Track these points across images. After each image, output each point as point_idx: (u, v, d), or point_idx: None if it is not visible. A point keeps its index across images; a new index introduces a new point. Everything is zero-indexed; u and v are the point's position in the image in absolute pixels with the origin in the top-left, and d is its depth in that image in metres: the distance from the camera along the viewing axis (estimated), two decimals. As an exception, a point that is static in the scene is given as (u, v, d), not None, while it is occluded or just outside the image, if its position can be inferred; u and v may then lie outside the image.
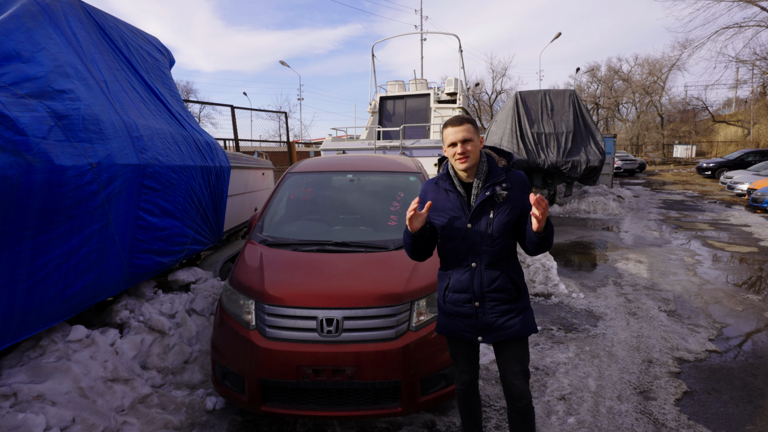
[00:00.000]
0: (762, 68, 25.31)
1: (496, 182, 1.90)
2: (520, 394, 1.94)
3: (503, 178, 1.90)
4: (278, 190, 3.67)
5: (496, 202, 1.89)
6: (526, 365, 1.97)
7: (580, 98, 11.23)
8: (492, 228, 1.88)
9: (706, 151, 37.91)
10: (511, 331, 1.92)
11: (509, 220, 1.89)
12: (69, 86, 2.65)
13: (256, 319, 2.45)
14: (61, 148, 2.35)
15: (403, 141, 8.55)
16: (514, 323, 1.92)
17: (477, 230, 1.90)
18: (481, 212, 1.90)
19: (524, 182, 1.95)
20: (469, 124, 1.89)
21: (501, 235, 1.89)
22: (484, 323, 1.93)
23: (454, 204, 1.94)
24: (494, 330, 1.93)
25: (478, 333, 1.95)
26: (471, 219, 1.90)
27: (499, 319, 1.92)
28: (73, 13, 3.09)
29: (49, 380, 2.43)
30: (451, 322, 2.01)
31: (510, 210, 1.88)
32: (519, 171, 1.98)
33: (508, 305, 1.92)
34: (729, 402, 2.89)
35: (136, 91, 3.53)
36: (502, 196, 1.88)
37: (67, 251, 2.53)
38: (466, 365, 2.09)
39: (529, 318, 1.96)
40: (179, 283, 4.03)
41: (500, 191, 1.88)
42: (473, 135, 1.88)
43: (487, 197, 1.88)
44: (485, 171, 1.92)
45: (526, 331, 1.94)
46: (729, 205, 12.72)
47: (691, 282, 5.53)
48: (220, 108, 47.35)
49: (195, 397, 2.88)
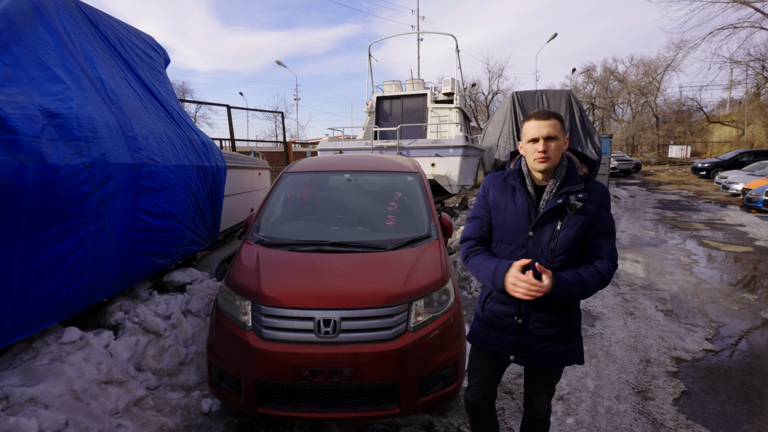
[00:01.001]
0: (756, 69, 25.52)
1: (573, 191, 1.65)
2: (541, 409, 1.88)
3: (581, 187, 1.66)
4: (275, 190, 3.64)
5: (567, 213, 1.64)
6: (554, 386, 1.85)
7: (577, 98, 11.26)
8: (556, 241, 1.64)
9: (701, 152, 38.14)
10: (550, 359, 1.74)
11: (577, 235, 1.65)
12: (62, 85, 2.62)
13: (253, 320, 2.42)
14: (54, 147, 2.31)
15: (400, 141, 8.53)
16: (555, 351, 1.73)
17: (538, 241, 1.67)
18: (548, 221, 1.66)
19: (605, 196, 1.69)
20: (556, 120, 1.64)
21: (565, 251, 1.65)
22: (523, 343, 1.73)
23: (520, 205, 1.71)
24: (532, 353, 1.74)
25: (513, 352, 1.76)
26: (534, 226, 1.67)
27: (540, 343, 1.73)
28: (67, 11, 3.06)
29: (41, 383, 2.39)
30: (487, 333, 1.82)
31: (581, 225, 1.64)
32: (601, 183, 1.74)
33: (554, 330, 1.72)
34: (727, 401, 2.89)
35: (131, 89, 3.49)
36: (576, 207, 1.63)
37: (62, 252, 2.50)
38: (481, 380, 1.89)
39: (576, 348, 1.76)
40: (175, 284, 4.00)
41: (575, 201, 1.63)
42: (558, 132, 1.64)
43: (558, 205, 1.64)
44: (563, 176, 1.69)
45: (568, 361, 1.76)
46: (724, 205, 12.79)
47: (687, 281, 5.55)
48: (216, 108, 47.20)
49: (191, 399, 2.85)
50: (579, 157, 1.79)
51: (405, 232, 3.12)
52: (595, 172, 1.78)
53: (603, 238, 1.67)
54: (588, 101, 43.60)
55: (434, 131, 10.41)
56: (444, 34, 14.67)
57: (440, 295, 2.55)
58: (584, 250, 1.70)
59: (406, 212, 3.39)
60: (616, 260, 1.69)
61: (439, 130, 10.41)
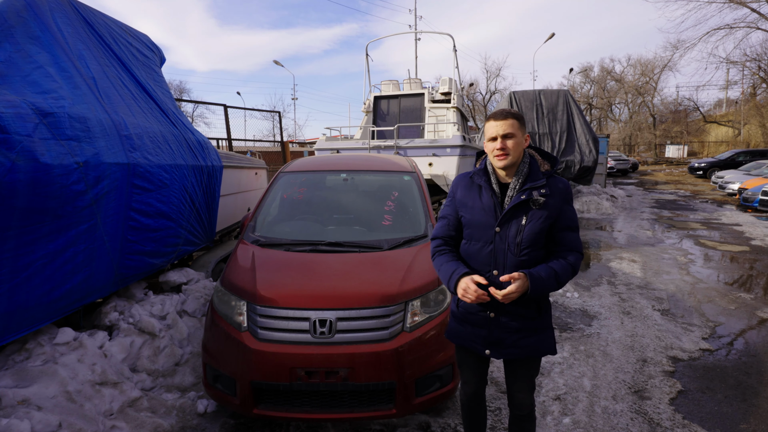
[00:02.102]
0: (752, 69, 25.63)
1: (535, 186, 1.73)
2: (523, 404, 1.90)
3: (543, 183, 1.73)
4: (271, 189, 3.62)
5: (531, 208, 1.72)
6: (534, 380, 1.88)
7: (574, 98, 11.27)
8: (522, 236, 1.72)
9: (697, 151, 38.30)
10: (524, 351, 1.79)
11: (542, 229, 1.72)
12: (55, 83, 2.59)
13: (248, 320, 2.40)
14: (47, 146, 2.29)
15: (398, 141, 8.52)
16: (528, 343, 1.78)
17: (505, 236, 1.74)
18: (513, 217, 1.74)
19: (566, 191, 1.77)
20: (513, 119, 1.72)
21: (530, 244, 1.72)
22: (495, 337, 1.80)
23: (486, 203, 1.79)
24: (505, 347, 1.80)
25: (488, 346, 1.82)
26: (500, 222, 1.74)
27: (512, 336, 1.78)
28: (60, 9, 3.03)
29: (34, 384, 2.37)
30: (462, 329, 1.89)
31: (545, 219, 1.71)
32: (562, 178, 1.82)
33: (525, 322, 1.77)
34: (723, 401, 2.89)
35: (126, 88, 3.47)
36: (539, 203, 1.71)
37: (53, 252, 2.47)
38: (471, 376, 1.97)
39: (547, 339, 1.82)
40: (170, 284, 3.97)
41: (537, 197, 1.71)
42: (516, 131, 1.72)
43: (522, 201, 1.72)
44: (525, 172, 1.76)
45: (540, 352, 1.81)
46: (720, 205, 12.84)
47: (684, 281, 5.56)
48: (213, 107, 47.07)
49: (186, 400, 2.83)
50: (541, 154, 1.87)
51: (402, 232, 3.11)
52: (556, 168, 1.85)
53: (570, 232, 1.77)
54: (585, 101, 43.70)
55: (431, 131, 10.39)
56: (441, 34, 14.66)
57: (437, 294, 2.54)
58: (552, 244, 1.79)
59: (403, 212, 3.37)
60: (582, 251, 1.80)
61: (436, 130, 10.40)
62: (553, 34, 27.10)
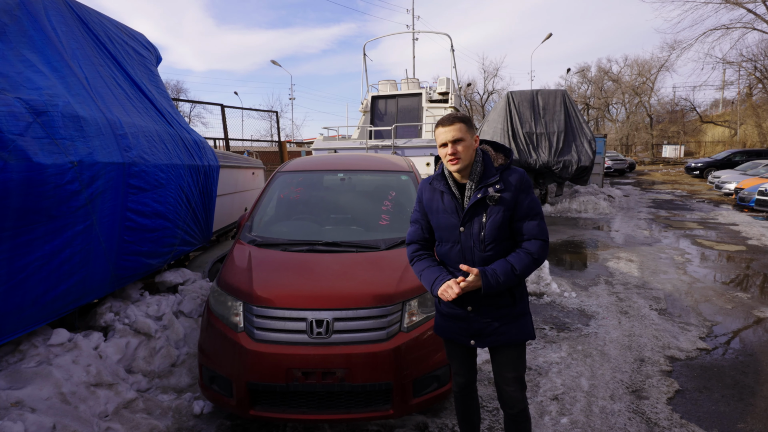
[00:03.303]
0: (748, 70, 25.74)
1: (489, 183, 1.79)
2: (512, 401, 1.90)
3: (496, 179, 1.79)
4: (268, 189, 3.61)
5: (488, 205, 1.78)
6: (521, 373, 1.90)
7: (571, 98, 11.29)
8: (485, 232, 1.78)
9: (694, 151, 38.43)
10: (505, 337, 1.85)
11: (502, 223, 1.78)
12: (49, 82, 2.57)
13: (244, 321, 2.39)
14: (40, 145, 2.26)
15: (395, 140, 8.51)
16: (508, 329, 1.85)
17: (469, 234, 1.81)
18: (474, 214, 1.80)
19: (520, 181, 1.80)
20: (460, 123, 1.78)
21: (494, 239, 1.79)
22: (476, 328, 1.87)
23: (448, 206, 1.86)
24: (487, 335, 1.86)
25: (471, 337, 1.89)
26: (463, 222, 1.81)
27: (492, 324, 1.85)
28: (54, 7, 3.00)
29: (28, 386, 2.35)
30: (447, 324, 1.95)
31: (503, 213, 1.77)
32: (517, 169, 1.84)
33: (502, 310, 1.84)
34: (720, 400, 2.89)
35: (120, 87, 3.44)
36: (494, 198, 1.76)
37: (49, 253, 2.45)
38: (461, 368, 2.04)
39: (525, 324, 1.88)
40: (167, 285, 3.95)
41: (492, 193, 1.77)
42: (465, 134, 1.77)
43: (478, 199, 1.78)
44: (479, 171, 1.81)
45: (520, 337, 1.86)
46: (717, 204, 12.88)
47: (681, 280, 5.57)
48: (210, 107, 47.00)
49: (182, 401, 2.81)
50: (495, 148, 1.92)
51: (399, 232, 3.10)
52: (511, 160, 1.88)
53: (528, 221, 1.79)
54: (582, 101, 43.79)
55: (429, 130, 10.39)
56: (439, 34, 14.68)
57: (434, 294, 2.53)
58: (516, 234, 1.83)
59: (400, 212, 3.36)
60: (545, 237, 1.80)
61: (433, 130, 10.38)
62: (550, 34, 27.15)
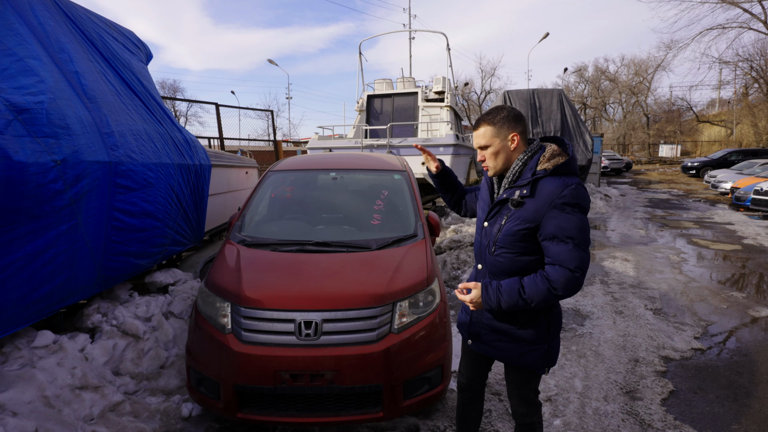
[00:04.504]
0: (744, 69, 25.82)
1: (518, 186, 1.65)
2: (516, 414, 1.88)
3: (525, 183, 1.62)
4: (259, 188, 3.56)
5: (511, 208, 1.65)
6: (527, 395, 1.82)
7: (568, 97, 11.28)
8: (500, 234, 1.68)
9: (690, 151, 38.53)
10: (502, 354, 1.77)
11: (516, 231, 1.61)
12: (34, 78, 2.51)
13: (232, 322, 2.34)
14: (21, 143, 2.21)
15: (391, 139, 8.47)
16: (505, 347, 1.75)
17: (489, 232, 1.73)
18: (497, 214, 1.71)
19: (555, 194, 1.53)
20: (487, 126, 1.66)
21: (504, 245, 1.66)
22: (474, 330, 1.83)
23: (484, 196, 1.83)
24: (483, 342, 1.82)
25: (469, 336, 1.87)
26: (488, 218, 1.76)
27: (490, 334, 1.78)
28: (40, 3, 2.94)
29: (10, 389, 2.29)
30: (461, 315, 1.94)
31: (521, 222, 1.60)
32: (566, 180, 1.57)
33: (503, 325, 1.73)
34: (715, 401, 2.87)
35: (109, 84, 3.39)
36: (515, 202, 1.63)
37: (31, 253, 2.40)
38: (464, 366, 2.01)
39: (531, 353, 1.70)
40: (157, 285, 3.90)
41: (516, 197, 1.63)
42: (490, 139, 1.66)
43: (502, 199, 1.68)
44: (517, 171, 1.68)
45: (520, 363, 1.73)
46: (713, 204, 12.90)
47: (676, 280, 5.55)
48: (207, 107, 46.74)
49: (170, 404, 2.76)
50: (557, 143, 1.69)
51: (391, 232, 3.06)
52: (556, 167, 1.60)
53: (558, 242, 1.53)
54: (579, 101, 43.85)
55: (425, 130, 10.36)
56: (435, 32, 14.63)
57: (426, 295, 2.49)
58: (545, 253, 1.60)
59: (393, 211, 3.32)
60: (573, 267, 1.50)
61: (429, 129, 10.36)
62: (547, 33, 27.16)
